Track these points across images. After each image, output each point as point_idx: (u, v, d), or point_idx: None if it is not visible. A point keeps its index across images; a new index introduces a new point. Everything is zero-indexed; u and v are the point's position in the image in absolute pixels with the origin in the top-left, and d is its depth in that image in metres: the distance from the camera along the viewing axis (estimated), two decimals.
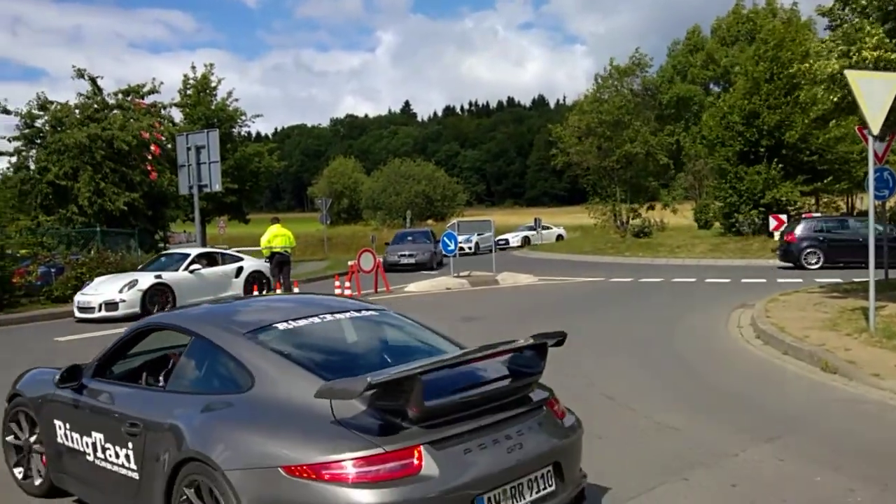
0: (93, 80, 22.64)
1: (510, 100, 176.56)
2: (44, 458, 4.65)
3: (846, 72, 9.23)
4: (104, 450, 4.03)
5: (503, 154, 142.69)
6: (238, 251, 19.11)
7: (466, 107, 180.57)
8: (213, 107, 29.42)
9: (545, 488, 3.46)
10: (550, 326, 11.34)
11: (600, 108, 36.38)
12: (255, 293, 15.97)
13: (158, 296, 14.61)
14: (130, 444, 3.80)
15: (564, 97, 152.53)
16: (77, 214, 20.80)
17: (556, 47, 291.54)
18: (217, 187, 21.43)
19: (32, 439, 4.78)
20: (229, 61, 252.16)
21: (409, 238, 27.60)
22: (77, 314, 14.59)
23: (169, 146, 23.30)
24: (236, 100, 30.53)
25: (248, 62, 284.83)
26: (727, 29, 54.73)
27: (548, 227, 44.09)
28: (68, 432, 4.35)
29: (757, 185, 27.31)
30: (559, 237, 42.44)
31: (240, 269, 16.69)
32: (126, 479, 3.86)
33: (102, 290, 14.63)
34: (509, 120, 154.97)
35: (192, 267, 15.60)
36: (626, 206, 39.16)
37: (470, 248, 33.41)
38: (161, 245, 24.35)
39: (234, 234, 46.59)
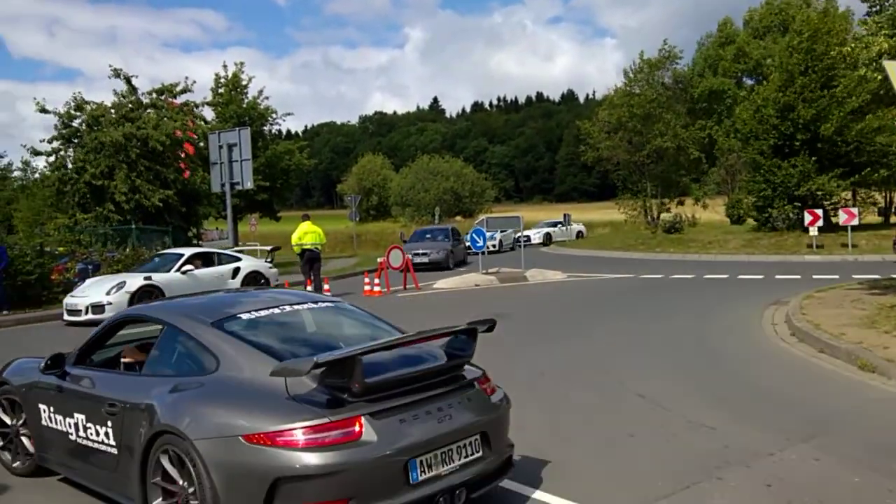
0: (128, 80, 23.00)
1: (539, 95, 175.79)
2: (31, 440, 5.04)
3: (885, 62, 9.04)
4: (85, 429, 4.43)
5: (532, 149, 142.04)
6: (237, 251, 18.47)
7: (495, 102, 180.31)
8: (244, 105, 29.69)
9: (473, 454, 3.94)
10: (579, 323, 11.37)
11: (631, 101, 36.00)
12: None
13: (147, 298, 13.49)
14: (109, 423, 4.22)
15: (594, 91, 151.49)
16: (113, 212, 21.15)
17: (585, 41, 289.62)
18: (249, 185, 21.64)
19: (19, 423, 5.18)
20: (259, 59, 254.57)
21: (428, 236, 26.66)
22: (65, 317, 14.36)
23: (201, 144, 23.60)
24: (266, 98, 30.81)
25: (277, 60, 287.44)
26: (759, 20, 53.84)
27: (568, 223, 43.94)
28: (52, 415, 4.75)
29: (792, 178, 26.87)
30: (579, 234, 42.15)
31: (236, 270, 16.03)
32: (106, 455, 4.27)
33: (90, 293, 14.27)
34: (538, 115, 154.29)
35: (184, 268, 15.08)
36: (657, 202, 38.78)
37: (494, 246, 32.04)
38: (194, 242, 24.68)
39: (264, 232, 47.03)
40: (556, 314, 12.75)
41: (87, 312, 13.96)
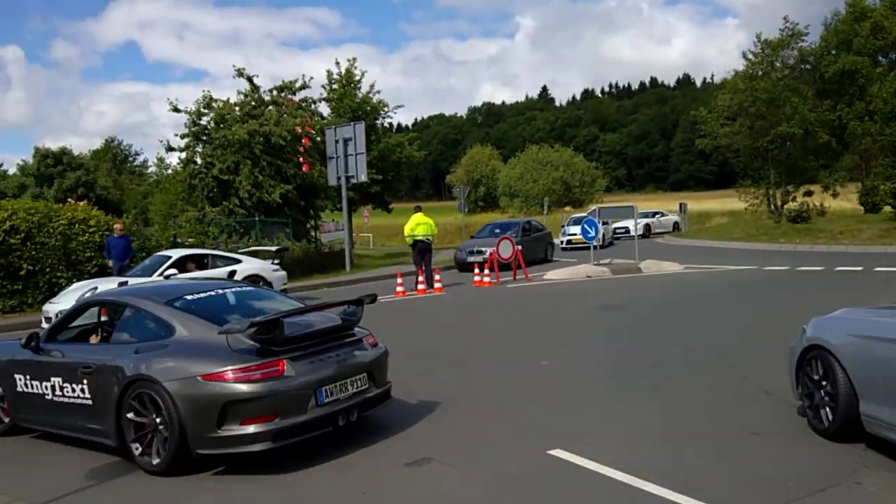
0: (250, 79, 24.05)
1: (653, 80, 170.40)
2: (6, 407, 6.32)
3: None
4: (62, 388, 5.68)
5: (645, 136, 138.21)
6: (243, 252, 17.58)
7: (606, 89, 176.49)
8: (357, 100, 30.40)
9: (362, 387, 5.59)
10: (697, 315, 11.04)
11: (755, 85, 34.19)
12: None
13: None
14: (85, 381, 5.51)
15: (712, 75, 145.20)
16: (238, 206, 22.21)
17: (704, 22, 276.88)
18: (363, 178, 22.22)
19: None
20: (372, 54, 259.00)
21: (497, 230, 23.32)
22: (43, 323, 13.09)
23: (318, 139, 24.38)
24: (378, 92, 31.40)
25: (389, 55, 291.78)
26: None
27: (664, 214, 42.30)
28: (28, 381, 5.99)
29: None
30: (675, 225, 40.41)
31: (232, 273, 14.41)
32: (82, 406, 5.53)
33: (62, 300, 13.24)
34: (652, 101, 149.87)
35: (167, 272, 13.92)
36: (781, 190, 36.84)
37: (598, 242, 25.29)
38: (313, 234, 25.59)
39: (376, 224, 48.18)
40: (672, 306, 12.39)
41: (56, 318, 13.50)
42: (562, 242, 29.66)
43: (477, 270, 17.85)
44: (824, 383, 5.09)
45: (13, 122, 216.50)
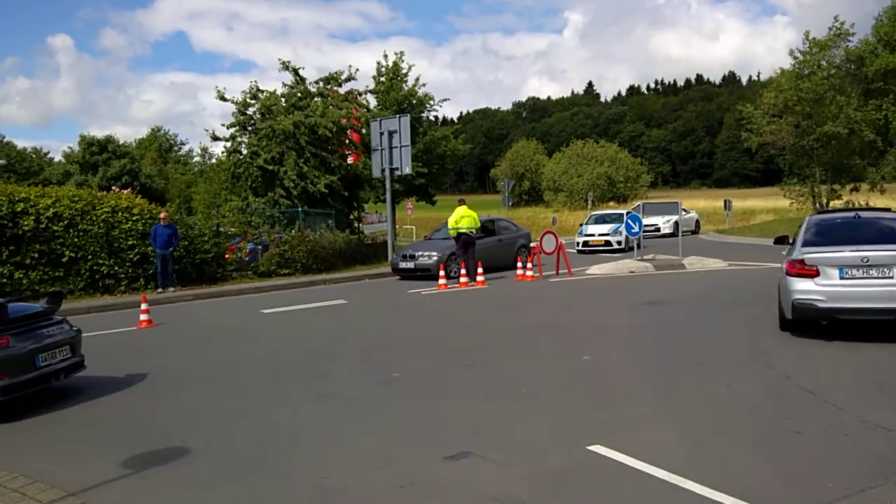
0: (296, 71, 24.29)
1: (699, 77, 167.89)
2: None
3: None
4: None
5: (690, 133, 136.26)
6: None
7: (652, 86, 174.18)
8: (402, 92, 30.54)
9: (66, 355, 7.27)
10: (739, 313, 10.85)
11: (801, 85, 33.51)
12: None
13: None
14: None
15: (759, 73, 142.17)
16: (283, 196, 22.50)
17: (753, 19, 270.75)
18: (407, 170, 22.35)
19: None
20: (420, 48, 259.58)
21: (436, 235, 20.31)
22: None
23: (363, 131, 24.57)
24: (423, 85, 31.50)
25: (437, 48, 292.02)
26: None
27: (686, 211, 41.32)
28: None
29: None
30: (696, 223, 38.08)
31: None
32: None
33: None
34: (697, 98, 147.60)
35: None
36: (826, 187, 36.07)
37: (618, 243, 24.97)
38: (356, 225, 25.81)
39: (420, 216, 48.33)
40: (715, 303, 12.25)
41: None
42: (578, 244, 25.86)
43: (519, 265, 17.82)
44: None
45: (60, 110, 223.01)
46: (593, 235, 25.90)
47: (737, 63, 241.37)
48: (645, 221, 22.67)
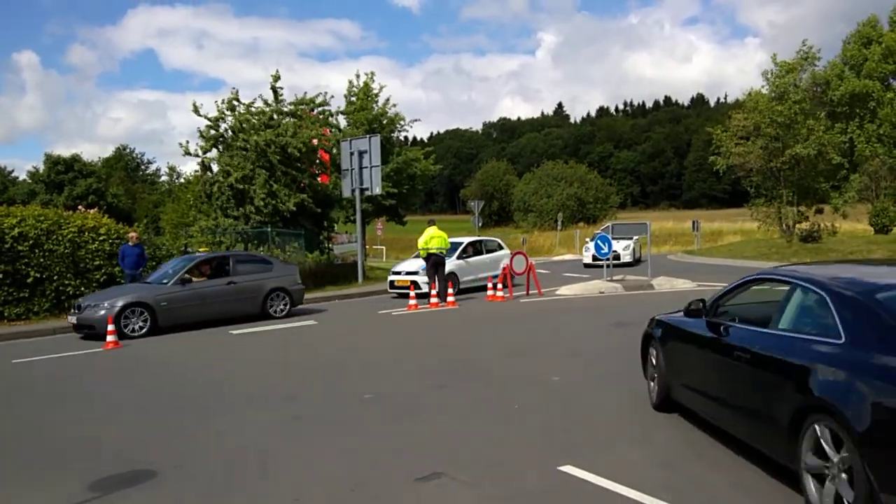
0: (275, 91, 24.14)
1: (667, 99, 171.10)
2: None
3: None
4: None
5: (659, 154, 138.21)
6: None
7: (621, 107, 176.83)
8: (373, 112, 30.58)
9: None
10: None
11: (773, 107, 34.19)
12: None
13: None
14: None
15: (726, 95, 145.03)
16: (254, 214, 22.34)
17: (723, 41, 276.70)
18: (377, 190, 22.34)
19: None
20: (391, 67, 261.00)
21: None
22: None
23: (334, 151, 24.52)
24: (394, 105, 31.60)
25: (408, 68, 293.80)
26: None
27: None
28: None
29: None
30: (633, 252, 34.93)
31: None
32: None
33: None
34: (665, 119, 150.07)
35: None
36: (793, 209, 36.77)
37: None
38: (326, 245, 25.69)
39: (390, 236, 48.32)
40: None
41: None
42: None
43: (490, 285, 17.87)
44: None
45: (26, 128, 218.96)
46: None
47: (709, 83, 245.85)
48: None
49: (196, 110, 22.89)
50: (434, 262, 16.91)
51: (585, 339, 11.29)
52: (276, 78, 23.96)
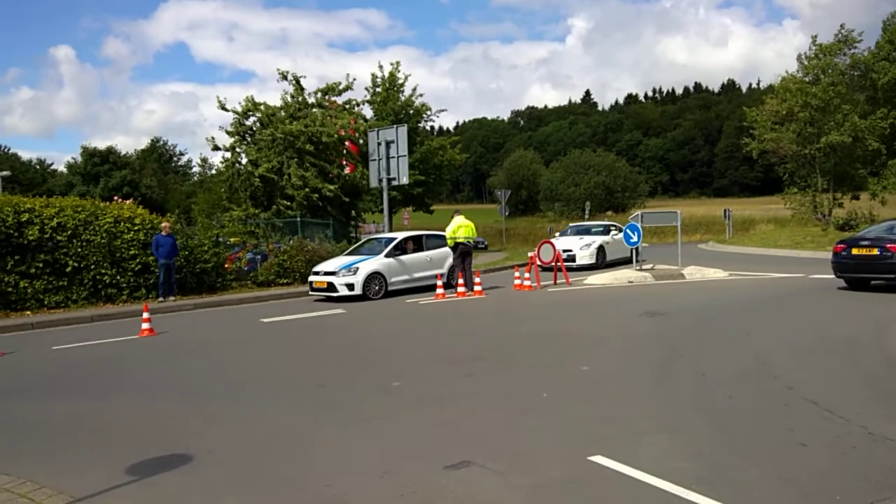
0: (296, 81, 24.29)
1: (697, 85, 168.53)
2: None
3: None
4: None
5: (689, 142, 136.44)
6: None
7: (650, 94, 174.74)
8: (399, 103, 30.58)
9: None
10: (741, 324, 10.86)
11: (806, 89, 33.47)
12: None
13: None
14: None
15: (759, 81, 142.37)
16: (284, 206, 22.50)
17: (760, 24, 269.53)
18: (405, 180, 22.33)
19: None
20: (419, 56, 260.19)
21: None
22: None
23: (361, 141, 24.57)
24: (421, 95, 31.57)
25: (436, 57, 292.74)
26: None
27: (619, 229, 40.46)
28: None
29: None
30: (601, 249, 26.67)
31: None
32: None
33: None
34: (695, 106, 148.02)
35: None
36: (828, 196, 36.10)
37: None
38: (353, 235, 25.80)
39: (417, 225, 48.33)
40: (716, 313, 12.23)
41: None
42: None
43: (517, 274, 17.81)
44: None
45: (63, 121, 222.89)
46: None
47: (746, 68, 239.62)
48: (560, 246, 20.49)
49: (222, 106, 23.09)
50: (462, 252, 16.90)
51: (615, 328, 11.20)
52: (283, 75, 24.16)
